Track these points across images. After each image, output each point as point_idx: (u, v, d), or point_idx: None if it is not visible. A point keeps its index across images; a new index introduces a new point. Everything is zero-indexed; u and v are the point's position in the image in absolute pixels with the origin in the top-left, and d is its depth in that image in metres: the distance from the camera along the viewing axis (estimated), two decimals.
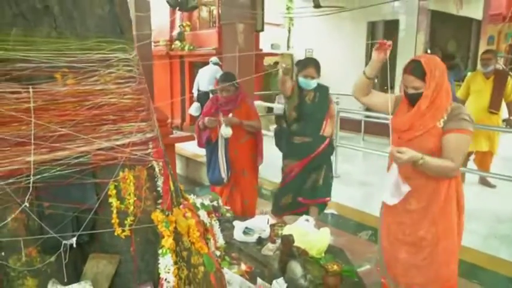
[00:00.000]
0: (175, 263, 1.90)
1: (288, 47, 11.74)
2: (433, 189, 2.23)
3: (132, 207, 1.82)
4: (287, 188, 3.83)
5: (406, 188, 2.19)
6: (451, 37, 9.30)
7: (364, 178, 5.89)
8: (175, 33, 9.38)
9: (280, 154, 6.04)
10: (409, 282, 2.29)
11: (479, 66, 9.18)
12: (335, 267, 2.33)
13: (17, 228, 1.63)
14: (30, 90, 1.58)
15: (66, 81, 1.68)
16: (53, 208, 1.68)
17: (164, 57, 9.44)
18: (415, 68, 2.19)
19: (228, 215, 3.27)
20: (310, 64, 3.72)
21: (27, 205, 1.59)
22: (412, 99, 2.23)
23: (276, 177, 5.04)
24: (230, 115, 3.79)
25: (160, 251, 1.84)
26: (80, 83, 1.70)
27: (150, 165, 1.89)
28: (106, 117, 1.76)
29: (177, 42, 9.26)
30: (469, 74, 8.65)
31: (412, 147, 2.13)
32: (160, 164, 1.92)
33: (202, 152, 7.26)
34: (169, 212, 1.92)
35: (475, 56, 9.52)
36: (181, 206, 2.05)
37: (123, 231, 1.81)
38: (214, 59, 8.10)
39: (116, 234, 1.81)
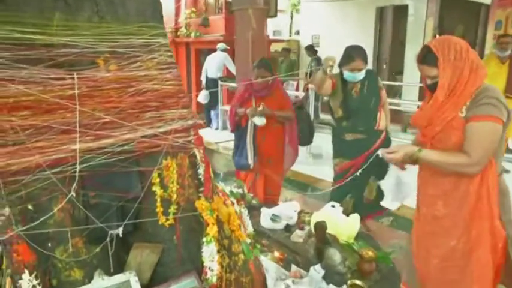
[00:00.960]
0: (218, 251, 1.88)
1: (290, 33, 11.63)
2: (463, 191, 1.85)
3: (175, 196, 1.79)
4: (345, 189, 3.27)
5: (408, 189, 2.02)
6: (460, 22, 9.20)
7: None
8: (181, 19, 9.28)
9: None
10: None
11: (487, 51, 9.13)
12: (370, 253, 2.31)
13: (63, 219, 1.59)
14: (75, 76, 1.53)
15: (109, 67, 1.63)
16: (98, 197, 1.65)
17: (170, 44, 9.32)
18: (426, 55, 1.88)
19: (254, 202, 3.25)
20: (357, 55, 3.25)
21: (74, 195, 1.55)
22: (433, 90, 1.89)
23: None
24: (262, 105, 3.69)
25: (205, 239, 1.81)
26: (122, 68, 1.65)
27: (192, 152, 1.85)
28: (149, 103, 1.72)
29: (183, 29, 9.15)
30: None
31: (437, 145, 1.87)
32: (201, 151, 1.88)
33: (213, 139, 7.30)
34: (211, 200, 1.89)
35: (482, 41, 9.42)
36: (220, 194, 2.02)
37: (167, 219, 1.78)
38: (221, 45, 8.01)
39: (159, 223, 1.78)
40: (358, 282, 2.12)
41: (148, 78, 1.70)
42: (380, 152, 1.97)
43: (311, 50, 8.55)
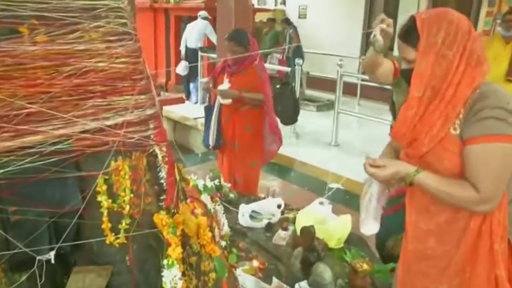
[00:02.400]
0: (183, 273, 1.51)
1: (276, 2, 11.07)
2: (463, 227, 1.35)
3: (128, 207, 1.40)
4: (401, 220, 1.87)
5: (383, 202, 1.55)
6: None
7: (366, 147, 5.54)
8: None
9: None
10: None
11: (479, 28, 8.79)
12: (365, 266, 1.98)
13: None
14: None
15: (35, 38, 1.20)
16: (22, 213, 1.24)
17: (147, 10, 8.70)
18: (408, 30, 1.35)
19: (232, 195, 2.88)
20: None
21: None
22: (407, 80, 1.38)
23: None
24: (226, 82, 3.27)
25: (165, 262, 1.44)
26: (55, 40, 1.23)
27: (150, 151, 1.45)
28: (92, 88, 1.30)
29: None
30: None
31: (427, 169, 1.35)
32: (164, 149, 1.49)
33: (191, 115, 6.86)
34: (174, 211, 1.51)
35: (476, 18, 9.07)
36: (188, 200, 1.63)
37: (117, 238, 1.39)
38: (203, 13, 7.44)
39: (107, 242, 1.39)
40: None
41: (91, 53, 1.28)
42: (365, 161, 1.43)
43: (287, 22, 8.11)
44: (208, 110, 3.54)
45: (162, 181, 1.49)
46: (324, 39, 8.78)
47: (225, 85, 3.26)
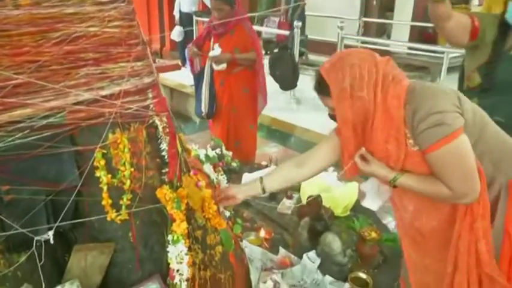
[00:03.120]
0: (189, 248, 1.45)
1: None
2: (446, 208, 1.39)
3: (128, 182, 1.33)
4: None
5: (386, 194, 1.57)
6: None
7: None
8: None
9: (274, 85, 5.52)
10: None
11: None
12: (373, 234, 1.93)
13: None
14: None
15: (18, 1, 1.09)
16: (16, 192, 1.17)
17: None
18: (319, 82, 1.39)
19: (234, 164, 2.80)
20: None
21: None
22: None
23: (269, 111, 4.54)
24: (216, 47, 3.13)
25: (170, 238, 1.38)
26: (40, 3, 1.11)
27: (150, 122, 1.36)
28: (84, 55, 1.20)
29: None
30: None
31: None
32: (164, 119, 1.39)
33: (188, 82, 6.71)
34: (178, 184, 1.43)
35: None
36: (191, 172, 1.56)
37: (119, 215, 1.32)
38: None
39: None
40: (362, 275, 1.75)
41: (82, 17, 1.17)
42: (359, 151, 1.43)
43: None
44: (198, 77, 3.40)
45: (163, 153, 1.41)
46: (324, 2, 8.50)
47: (216, 51, 3.12)
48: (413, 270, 1.53)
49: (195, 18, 7.14)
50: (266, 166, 2.92)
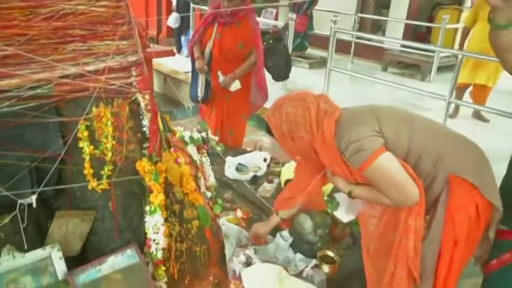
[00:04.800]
0: (166, 219, 1.54)
1: None
2: (392, 213, 1.55)
3: (110, 154, 1.41)
4: None
5: (358, 204, 1.75)
6: None
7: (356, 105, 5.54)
8: None
9: (268, 77, 5.60)
10: None
11: None
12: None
13: None
14: None
15: None
16: (3, 158, 1.24)
17: None
18: (267, 126, 1.65)
19: (219, 148, 2.88)
20: None
21: None
22: None
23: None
24: (220, 75, 3.19)
25: (147, 208, 1.47)
26: None
27: (133, 98, 1.44)
28: (72, 31, 1.27)
29: None
30: None
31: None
32: (147, 97, 1.48)
33: (182, 68, 6.76)
34: (158, 159, 1.52)
35: None
36: (171, 149, 1.64)
37: (100, 184, 1.41)
38: None
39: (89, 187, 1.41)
40: (329, 253, 1.85)
41: None
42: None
43: None
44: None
45: (144, 129, 1.49)
46: None
47: (220, 78, 3.17)
48: (368, 277, 1.65)
49: (192, 5, 7.17)
50: (250, 151, 3.00)
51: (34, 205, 1.27)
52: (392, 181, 1.41)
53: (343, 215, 1.95)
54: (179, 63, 7.01)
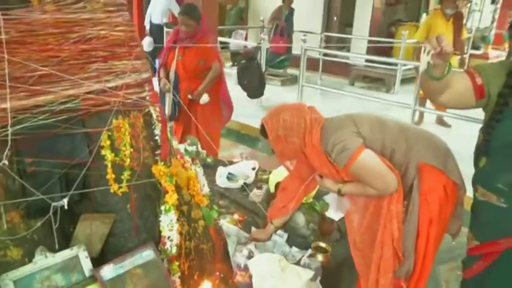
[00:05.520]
0: (177, 219, 1.71)
1: None
2: (375, 205, 1.78)
3: (128, 160, 1.58)
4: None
5: (346, 203, 1.95)
6: None
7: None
8: None
9: (243, 94, 5.83)
10: None
11: (431, 6, 9.21)
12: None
13: None
14: (0, 17, 1.23)
15: (45, 7, 1.34)
16: (37, 165, 1.40)
17: None
18: (262, 128, 1.91)
19: (209, 160, 3.07)
20: None
21: (6, 163, 1.29)
22: None
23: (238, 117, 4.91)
24: (189, 95, 3.49)
25: (163, 208, 1.64)
26: (62, 9, 1.37)
27: (146, 110, 1.63)
28: (95, 53, 1.46)
29: None
30: (424, 15, 8.69)
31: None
32: (158, 109, 1.66)
33: (157, 90, 6.92)
34: (169, 164, 1.70)
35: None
36: (178, 156, 1.83)
37: (120, 187, 1.57)
38: None
39: (111, 191, 1.57)
40: (322, 244, 2.06)
41: (94, 22, 1.43)
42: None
43: None
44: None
45: (156, 137, 1.67)
46: None
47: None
48: (357, 266, 1.87)
49: (165, 29, 7.38)
50: (238, 162, 3.20)
51: (65, 207, 1.43)
52: (374, 172, 1.66)
53: (334, 214, 2.17)
54: (154, 85, 7.15)
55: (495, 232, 1.53)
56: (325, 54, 7.96)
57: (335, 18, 8.67)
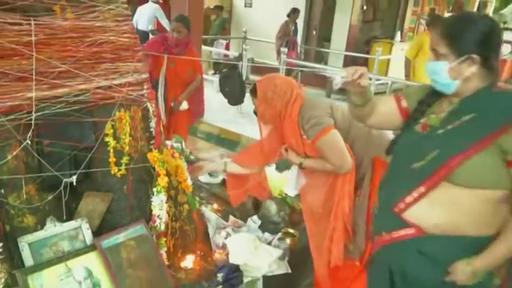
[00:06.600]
0: (166, 201, 1.99)
1: None
2: (330, 175, 2.03)
3: (127, 147, 1.85)
4: None
5: (303, 180, 2.21)
6: None
7: None
8: None
9: (224, 100, 6.14)
10: None
11: (406, 25, 9.73)
12: (301, 205, 2.55)
13: (17, 166, 1.60)
14: (32, 22, 1.51)
15: (65, 15, 1.62)
16: (52, 146, 1.66)
17: None
18: (254, 89, 2.09)
19: (192, 157, 3.34)
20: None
21: (29, 142, 1.56)
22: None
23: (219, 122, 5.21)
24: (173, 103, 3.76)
25: (155, 189, 1.91)
26: (80, 18, 1.65)
27: (144, 106, 1.91)
28: (105, 55, 1.73)
29: None
30: (398, 33, 9.21)
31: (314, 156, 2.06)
32: (154, 105, 1.94)
33: None
34: (161, 153, 1.97)
35: (403, 17, 10.03)
36: (168, 147, 2.11)
37: (119, 170, 1.84)
38: None
39: (111, 173, 1.84)
40: (290, 230, 2.36)
41: (105, 29, 1.71)
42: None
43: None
44: (155, 87, 3.90)
45: (151, 129, 1.95)
46: (268, 28, 9.30)
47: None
48: (311, 237, 2.17)
49: (151, 36, 7.62)
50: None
51: (74, 183, 1.69)
52: (335, 150, 1.95)
53: (291, 190, 2.42)
54: None
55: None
56: (303, 66, 8.33)
57: (314, 32, 9.08)
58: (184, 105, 3.77)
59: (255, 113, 2.17)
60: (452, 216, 1.28)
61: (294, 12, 7.87)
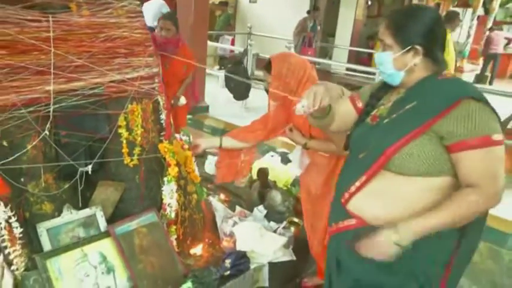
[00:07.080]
0: (176, 190, 2.07)
1: None
2: (330, 169, 2.11)
3: (139, 138, 1.93)
4: None
5: (306, 160, 2.25)
6: None
7: None
8: None
9: (229, 95, 6.23)
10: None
11: None
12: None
13: (35, 156, 1.68)
14: (50, 19, 1.59)
15: (81, 12, 1.69)
16: (69, 137, 1.75)
17: None
18: (268, 64, 2.07)
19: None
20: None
21: (47, 133, 1.65)
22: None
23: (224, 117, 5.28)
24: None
25: (166, 179, 1.99)
26: (95, 14, 1.73)
27: (155, 99, 1.98)
28: (118, 50, 1.81)
29: None
30: None
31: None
32: (164, 98, 2.02)
33: None
34: (171, 144, 2.05)
35: None
36: (178, 138, 2.19)
37: (132, 160, 1.93)
38: None
39: (123, 163, 1.92)
40: (295, 219, 2.44)
41: (118, 25, 1.79)
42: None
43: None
44: None
45: (162, 121, 2.03)
46: (273, 23, 9.37)
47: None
48: (307, 217, 2.23)
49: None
50: None
51: (89, 172, 1.78)
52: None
53: (295, 169, 2.46)
54: None
55: None
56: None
57: (319, 27, 9.12)
58: (183, 101, 3.89)
59: (266, 90, 2.18)
60: (392, 207, 1.28)
61: (315, 10, 7.98)
